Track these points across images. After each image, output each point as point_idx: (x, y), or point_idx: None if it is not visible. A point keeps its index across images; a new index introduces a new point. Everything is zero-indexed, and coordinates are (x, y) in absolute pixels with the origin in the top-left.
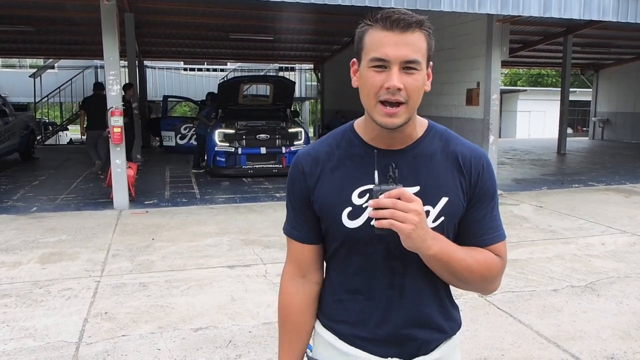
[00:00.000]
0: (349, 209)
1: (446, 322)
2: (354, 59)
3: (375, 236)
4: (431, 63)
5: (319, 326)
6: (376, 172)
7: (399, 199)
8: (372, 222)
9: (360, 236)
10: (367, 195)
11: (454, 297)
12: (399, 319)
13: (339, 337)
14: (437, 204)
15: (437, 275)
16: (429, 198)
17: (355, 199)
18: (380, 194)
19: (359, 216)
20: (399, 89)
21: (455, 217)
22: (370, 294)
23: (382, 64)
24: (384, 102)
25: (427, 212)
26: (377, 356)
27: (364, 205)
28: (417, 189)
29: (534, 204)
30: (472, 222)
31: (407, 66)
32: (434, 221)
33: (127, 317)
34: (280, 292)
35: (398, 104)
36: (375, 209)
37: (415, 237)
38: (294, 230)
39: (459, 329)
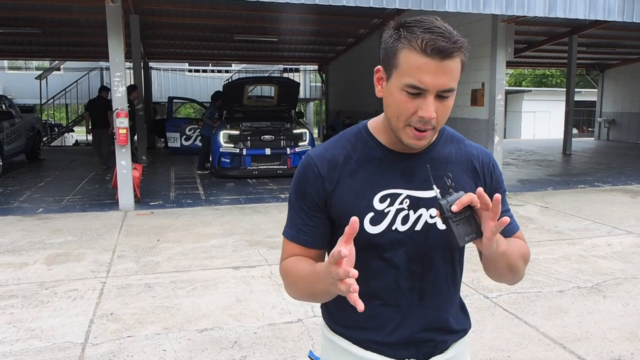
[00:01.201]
0: (371, 214)
1: (460, 323)
2: (380, 67)
3: (395, 241)
4: None
5: (330, 333)
6: (435, 187)
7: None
8: (457, 233)
9: (381, 241)
10: (389, 199)
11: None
12: (417, 322)
13: (353, 342)
14: None
15: (494, 271)
16: None
17: (377, 204)
18: (451, 205)
19: (381, 221)
20: (433, 118)
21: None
22: (389, 298)
23: (417, 92)
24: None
25: None
26: (393, 359)
27: (386, 211)
28: (434, 192)
29: (540, 205)
30: None
31: (442, 95)
32: None
33: (132, 318)
34: (282, 266)
35: (427, 129)
36: (455, 220)
37: (496, 238)
38: (300, 235)
39: (470, 328)
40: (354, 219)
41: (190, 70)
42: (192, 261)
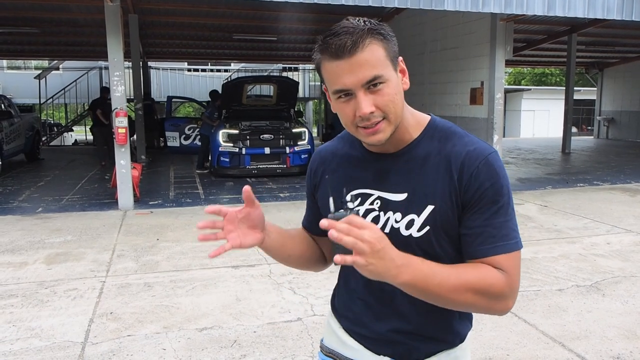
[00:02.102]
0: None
1: (444, 334)
2: (325, 86)
3: None
4: (400, 58)
5: (329, 314)
6: (331, 199)
7: None
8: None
9: None
10: (359, 199)
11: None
12: (389, 323)
13: (342, 326)
14: (422, 212)
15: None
16: (415, 206)
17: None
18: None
19: None
20: (372, 112)
21: (444, 227)
22: (362, 294)
23: (345, 94)
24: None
25: (412, 221)
26: (372, 352)
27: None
28: (404, 195)
29: (539, 204)
30: (469, 230)
31: (371, 85)
32: (418, 230)
33: (132, 317)
34: None
35: (376, 122)
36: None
37: (372, 270)
38: (304, 218)
39: (460, 342)
40: (245, 187)
41: (189, 70)
42: (192, 260)
